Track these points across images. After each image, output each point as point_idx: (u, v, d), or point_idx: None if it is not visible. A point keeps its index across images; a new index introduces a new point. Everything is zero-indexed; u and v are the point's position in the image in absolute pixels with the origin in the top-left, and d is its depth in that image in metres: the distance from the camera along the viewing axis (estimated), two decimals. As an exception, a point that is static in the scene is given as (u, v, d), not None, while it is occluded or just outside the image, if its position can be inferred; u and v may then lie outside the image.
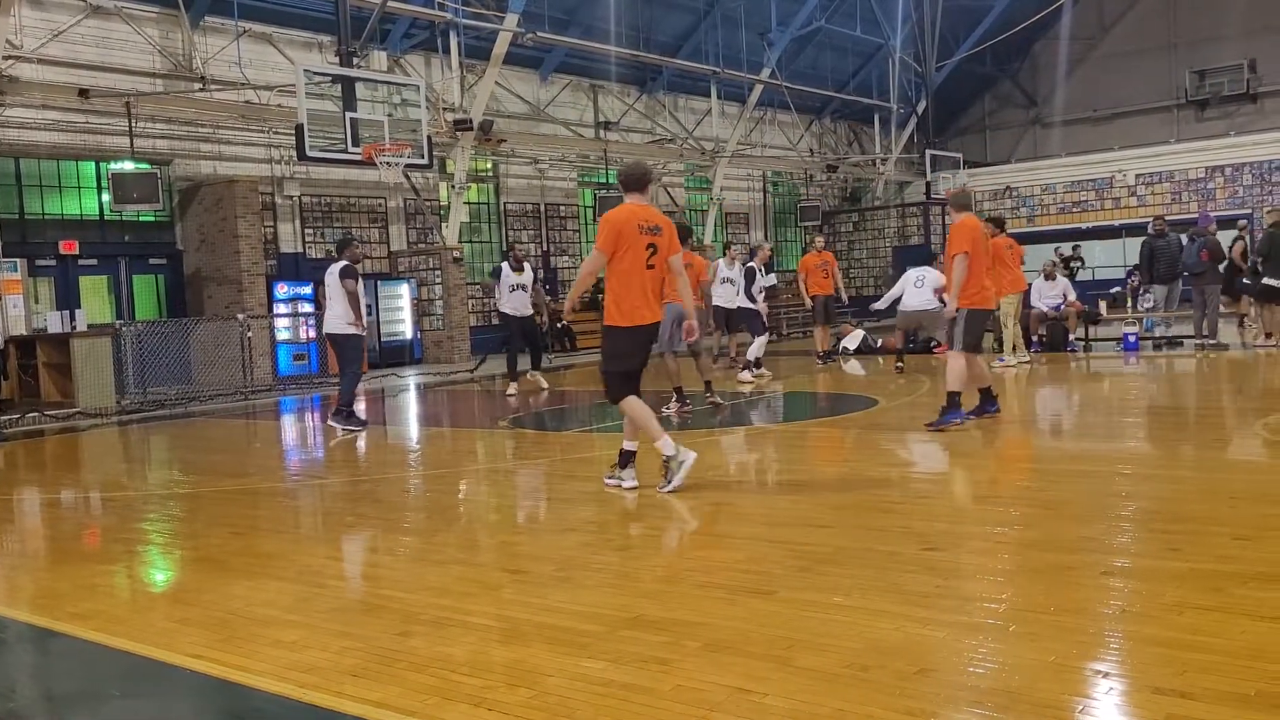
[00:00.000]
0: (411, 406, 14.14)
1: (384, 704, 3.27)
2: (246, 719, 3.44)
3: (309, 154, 15.14)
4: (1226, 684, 3.06)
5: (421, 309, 20.43)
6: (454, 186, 19.73)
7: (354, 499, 7.20)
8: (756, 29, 25.70)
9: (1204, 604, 3.80)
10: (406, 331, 20.27)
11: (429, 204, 21.11)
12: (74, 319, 14.30)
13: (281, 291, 18.13)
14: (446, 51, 19.62)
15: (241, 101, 17.45)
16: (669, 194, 27.18)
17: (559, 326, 21.04)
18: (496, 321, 15.19)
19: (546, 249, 24.10)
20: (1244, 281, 15.27)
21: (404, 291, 20.22)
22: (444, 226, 20.30)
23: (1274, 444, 7.32)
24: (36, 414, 13.14)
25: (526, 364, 14.01)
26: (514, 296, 13.41)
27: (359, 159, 15.52)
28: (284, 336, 17.88)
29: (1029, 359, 13.95)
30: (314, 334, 17.69)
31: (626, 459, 6.60)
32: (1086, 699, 3.06)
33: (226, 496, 7.41)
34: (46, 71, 15.72)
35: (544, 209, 24.17)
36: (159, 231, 18.17)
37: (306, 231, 19.55)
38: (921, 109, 30.89)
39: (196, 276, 18.06)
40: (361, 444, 10.03)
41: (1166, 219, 16.80)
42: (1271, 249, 14.23)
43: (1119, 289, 20.02)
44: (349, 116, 15.38)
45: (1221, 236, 15.52)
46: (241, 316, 16.44)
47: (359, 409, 11.62)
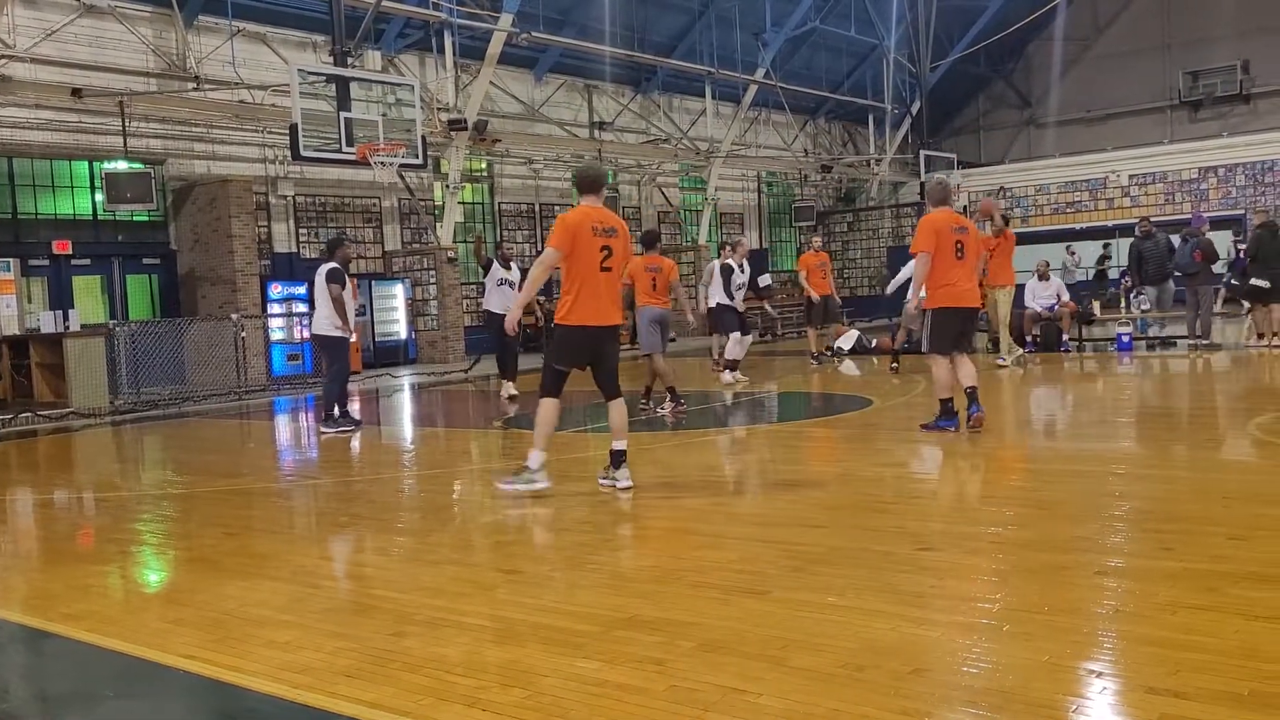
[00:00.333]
0: (406, 406, 14.13)
1: (378, 704, 3.27)
2: (240, 720, 3.44)
3: (303, 154, 15.14)
4: (1220, 683, 3.07)
5: (416, 309, 20.41)
6: (448, 186, 19.71)
7: (348, 499, 7.19)
8: (751, 29, 25.70)
9: (1197, 603, 3.81)
10: (401, 331, 20.25)
11: (423, 204, 21.09)
12: (67, 319, 14.27)
13: (275, 291, 18.10)
14: (441, 51, 19.61)
15: (235, 101, 17.41)
16: (664, 194, 27.21)
17: (549, 326, 20.99)
18: (479, 322, 15.03)
19: (541, 249, 24.00)
20: (1232, 282, 15.29)
21: (398, 291, 20.21)
22: (438, 226, 20.29)
23: (1267, 444, 7.34)
24: (30, 414, 13.11)
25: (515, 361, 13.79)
26: (500, 292, 13.33)
27: (353, 159, 15.52)
28: (278, 337, 17.85)
29: (1022, 355, 13.96)
30: (308, 334, 17.64)
31: (619, 459, 6.59)
32: (1080, 699, 3.07)
33: (220, 497, 7.39)
34: (40, 71, 15.67)
35: (539, 209, 24.15)
36: (152, 231, 18.13)
37: (301, 231, 19.52)
38: (916, 109, 30.91)
39: (190, 276, 18.03)
40: (355, 444, 10.02)
41: (1153, 220, 16.80)
42: (1259, 249, 14.30)
43: (1112, 289, 20.06)
44: (343, 116, 15.38)
45: (1213, 236, 15.54)
46: (235, 317, 16.40)
47: (353, 408, 11.61)
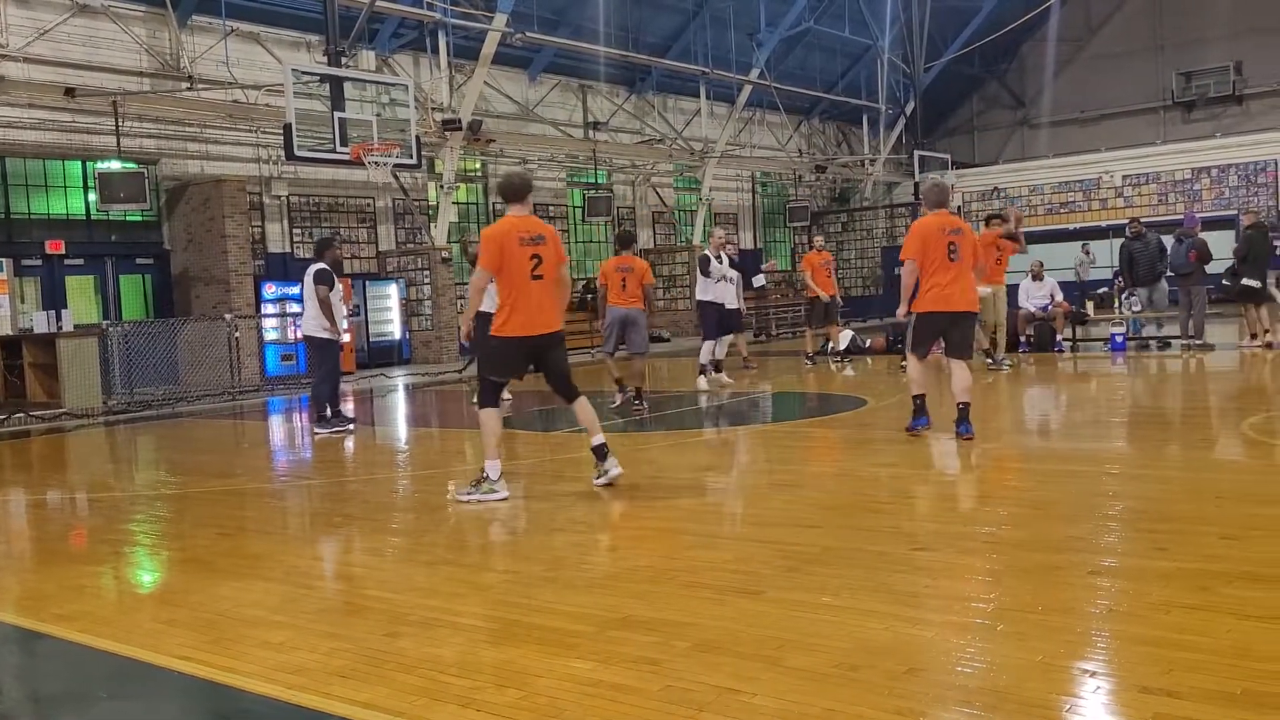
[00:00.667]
0: (400, 407, 14.11)
1: (372, 705, 3.27)
2: (234, 720, 3.43)
3: (297, 154, 15.11)
4: (1213, 682, 3.08)
5: (410, 309, 20.39)
6: (442, 186, 19.69)
7: (342, 499, 7.18)
8: (745, 29, 25.72)
9: (1191, 603, 3.82)
10: (395, 332, 20.23)
11: (417, 204, 21.07)
12: (60, 319, 14.21)
13: (269, 291, 18.07)
14: (435, 51, 19.59)
15: (229, 101, 17.38)
16: (658, 195, 27.21)
17: None
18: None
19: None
20: (1224, 283, 15.30)
21: (392, 292, 20.19)
22: (432, 226, 20.26)
23: (1260, 444, 7.36)
24: (23, 414, 13.07)
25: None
26: (492, 292, 13.31)
27: (347, 159, 15.50)
28: (271, 337, 17.81)
29: (1008, 360, 13.89)
30: (300, 335, 17.61)
31: (603, 452, 6.61)
32: (1074, 698, 3.07)
33: (214, 497, 7.38)
34: (33, 70, 15.63)
35: (533, 209, 24.08)
36: (146, 231, 18.08)
37: (294, 231, 19.49)
38: (910, 110, 30.98)
39: (184, 276, 17.98)
40: (349, 444, 10.00)
41: (1143, 220, 16.81)
42: (1250, 250, 14.32)
43: (1105, 289, 20.08)
44: (337, 116, 15.36)
45: (1207, 237, 15.55)
46: (229, 316, 16.37)
47: (346, 408, 11.59)
